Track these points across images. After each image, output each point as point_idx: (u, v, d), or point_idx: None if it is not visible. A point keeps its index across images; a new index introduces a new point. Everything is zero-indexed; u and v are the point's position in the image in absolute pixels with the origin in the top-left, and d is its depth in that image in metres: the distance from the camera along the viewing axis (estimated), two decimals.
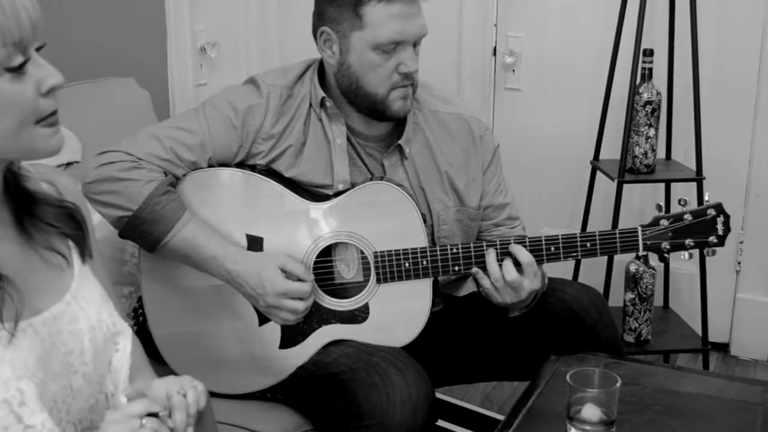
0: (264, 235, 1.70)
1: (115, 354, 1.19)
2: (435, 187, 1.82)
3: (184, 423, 1.07)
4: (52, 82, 1.04)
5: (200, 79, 2.92)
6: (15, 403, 1.01)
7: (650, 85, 2.38)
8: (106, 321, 1.18)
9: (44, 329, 1.09)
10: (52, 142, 1.07)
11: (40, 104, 1.03)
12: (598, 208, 2.78)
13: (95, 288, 1.20)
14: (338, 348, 1.70)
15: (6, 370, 1.01)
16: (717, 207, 1.68)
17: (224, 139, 1.71)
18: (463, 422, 2.46)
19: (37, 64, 1.04)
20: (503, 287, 1.67)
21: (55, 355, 1.09)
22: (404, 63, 1.69)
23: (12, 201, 1.14)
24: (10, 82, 1.01)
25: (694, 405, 1.59)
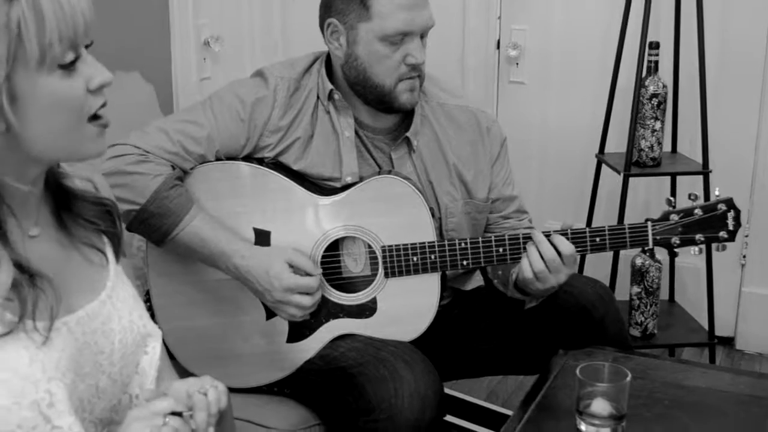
0: (271, 229, 1.69)
1: (144, 356, 1.19)
2: (443, 179, 1.81)
3: (205, 422, 1.07)
4: (101, 79, 1.04)
5: (204, 73, 2.91)
6: (44, 404, 1.00)
7: (656, 78, 2.37)
8: (137, 323, 1.18)
9: (78, 328, 1.09)
10: (100, 143, 1.07)
11: (89, 100, 1.04)
12: (603, 201, 2.77)
13: (128, 288, 1.21)
14: (346, 342, 1.69)
15: (37, 371, 1.00)
16: (727, 202, 1.67)
17: (232, 131, 1.70)
18: (469, 416, 2.45)
19: (87, 62, 1.04)
20: (557, 266, 1.63)
21: (86, 355, 1.09)
22: (411, 54, 1.68)
23: (52, 199, 1.14)
24: (62, 79, 1.01)
25: (703, 399, 1.58)
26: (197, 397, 1.08)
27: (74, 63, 1.02)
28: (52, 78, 1.00)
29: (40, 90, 0.99)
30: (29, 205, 1.09)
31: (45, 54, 0.98)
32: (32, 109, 1.00)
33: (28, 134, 1.00)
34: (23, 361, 1.00)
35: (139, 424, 1.02)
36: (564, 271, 1.64)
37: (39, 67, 0.98)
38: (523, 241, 1.66)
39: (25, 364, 1.00)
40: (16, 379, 0.99)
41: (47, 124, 1.01)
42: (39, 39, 0.97)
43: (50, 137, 1.02)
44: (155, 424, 1.02)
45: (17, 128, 0.99)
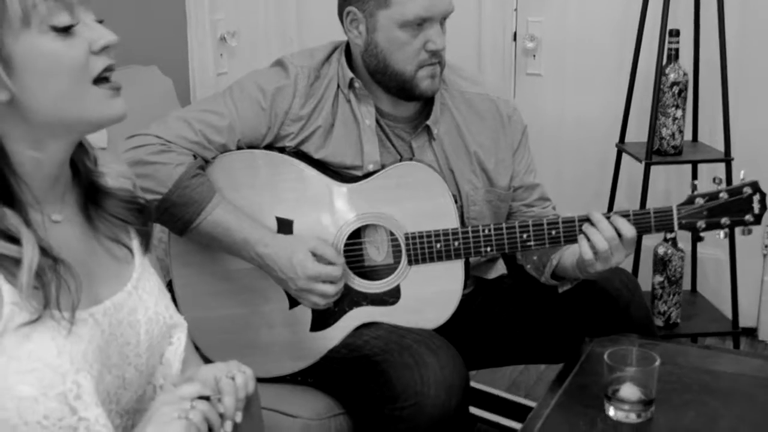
0: (294, 218, 1.68)
1: (169, 347, 1.19)
2: (464, 167, 1.80)
3: (233, 407, 1.06)
4: (105, 40, 1.03)
5: (221, 68, 2.91)
6: (71, 396, 1.00)
7: (677, 66, 2.35)
8: (163, 314, 1.18)
9: (105, 319, 1.08)
10: (112, 104, 1.05)
11: (91, 62, 1.02)
12: (623, 191, 2.76)
13: (154, 279, 1.20)
14: (370, 330, 1.69)
15: (65, 362, 1.00)
16: (753, 185, 1.64)
17: (253, 121, 1.70)
18: (491, 408, 2.44)
19: (90, 27, 1.03)
20: (617, 245, 1.60)
21: (113, 346, 1.09)
22: (432, 40, 1.67)
23: (81, 193, 1.14)
24: (56, 41, 1.00)
25: (732, 384, 1.56)
26: (225, 382, 1.08)
27: (71, 27, 1.01)
28: (44, 39, 0.99)
29: (34, 52, 0.99)
30: (54, 192, 1.08)
31: (28, 13, 0.97)
32: (29, 73, 0.99)
33: (32, 101, 1.00)
34: (51, 352, 1.00)
35: (167, 408, 1.02)
36: (623, 252, 1.62)
37: (25, 28, 0.98)
38: (547, 226, 1.65)
39: (53, 355, 0.99)
40: (45, 370, 0.99)
41: (46, 87, 1.00)
42: None
43: (52, 102, 1.01)
44: (183, 408, 1.01)
45: (17, 94, 0.98)
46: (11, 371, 0.98)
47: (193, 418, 1.00)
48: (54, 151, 1.06)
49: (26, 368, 0.98)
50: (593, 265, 1.62)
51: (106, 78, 1.04)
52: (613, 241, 1.60)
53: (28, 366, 0.98)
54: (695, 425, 1.43)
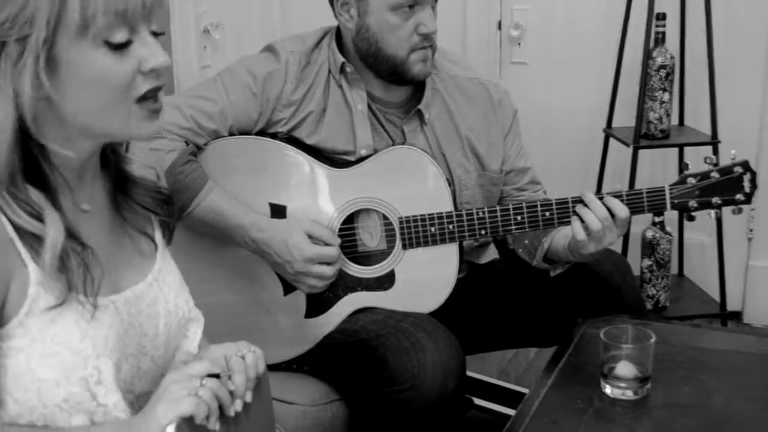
0: (287, 204, 1.68)
1: (185, 340, 1.19)
2: (456, 152, 1.80)
3: (243, 386, 1.05)
4: (155, 63, 1.01)
5: (204, 61, 2.89)
6: (92, 381, 1.01)
7: (663, 49, 2.37)
8: (182, 307, 1.19)
9: (125, 308, 1.09)
10: (148, 126, 1.04)
11: (138, 82, 1.01)
12: (609, 176, 2.77)
13: (174, 272, 1.21)
14: (365, 315, 1.69)
15: (87, 346, 1.01)
16: (743, 164, 1.66)
17: (244, 106, 1.69)
18: (482, 394, 2.44)
19: (145, 43, 1.01)
20: (610, 225, 1.60)
21: (131, 336, 1.09)
22: (423, 23, 1.67)
23: (110, 180, 1.14)
24: (107, 57, 0.98)
25: (724, 361, 1.58)
26: (235, 360, 1.07)
27: (126, 44, 0.99)
28: (96, 53, 0.98)
29: (82, 63, 0.98)
30: (84, 180, 1.09)
31: (87, 24, 0.96)
32: (73, 79, 0.98)
33: (67, 105, 1.00)
34: (75, 336, 1.00)
35: (177, 386, 1.01)
36: (615, 232, 1.63)
37: (80, 37, 0.97)
38: (541, 208, 1.66)
39: (76, 339, 1.00)
40: (67, 354, 0.99)
41: (87, 98, 1.00)
42: (82, 7, 0.95)
43: (90, 112, 1.01)
44: (193, 385, 1.00)
45: (53, 95, 0.98)
46: (34, 353, 0.99)
47: (203, 395, 1.00)
48: (84, 148, 1.06)
49: (49, 351, 0.99)
50: (586, 246, 1.63)
51: (148, 97, 1.03)
52: (606, 221, 1.61)
53: (51, 349, 0.99)
54: (691, 401, 1.45)
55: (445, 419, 1.56)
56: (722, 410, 1.41)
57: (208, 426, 1.01)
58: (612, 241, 1.64)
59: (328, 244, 1.63)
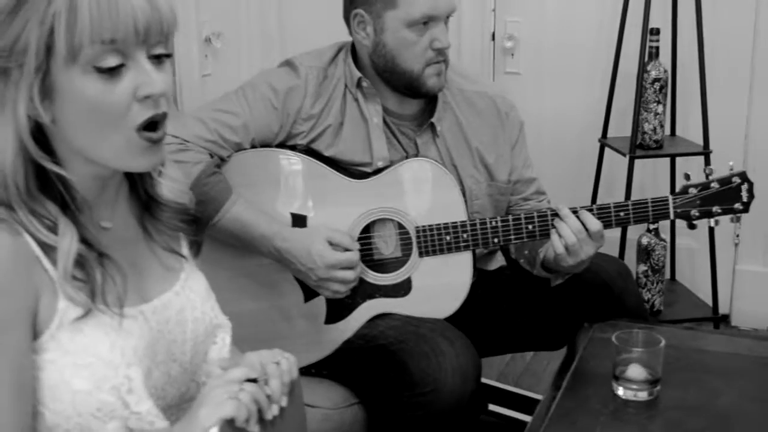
0: (308, 213, 1.74)
1: (213, 346, 1.23)
2: (466, 163, 1.87)
3: (279, 390, 1.09)
4: (150, 90, 1.00)
5: (205, 70, 2.93)
6: (123, 389, 1.04)
7: (657, 63, 2.46)
8: (209, 314, 1.22)
9: (153, 317, 1.12)
10: (146, 158, 1.04)
11: (133, 110, 1.01)
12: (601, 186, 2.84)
13: (201, 280, 1.24)
14: (384, 321, 1.75)
15: (117, 356, 1.04)
16: (741, 175, 1.74)
17: (266, 120, 1.75)
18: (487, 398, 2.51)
19: (140, 70, 1.00)
20: (584, 239, 1.68)
21: (160, 344, 1.13)
22: (437, 39, 1.74)
23: (138, 203, 1.17)
24: (98, 83, 0.99)
25: (729, 363, 1.65)
26: (271, 367, 1.11)
27: (118, 68, 0.99)
28: (87, 79, 0.98)
29: (74, 89, 0.98)
30: (105, 199, 1.11)
31: (74, 53, 0.97)
32: (68, 105, 1.00)
33: (68, 131, 1.01)
34: (104, 347, 1.03)
35: (218, 391, 1.05)
36: (592, 245, 1.71)
37: (71, 64, 0.97)
38: (551, 217, 1.73)
39: (106, 350, 1.03)
40: (99, 364, 1.02)
41: (83, 124, 1.00)
42: (68, 37, 0.96)
43: (87, 138, 1.02)
44: (233, 390, 1.04)
45: (47, 120, 1.00)
46: (67, 365, 1.02)
47: (243, 398, 1.03)
48: (98, 170, 1.07)
49: (81, 362, 1.02)
50: (565, 259, 1.71)
51: (149, 127, 1.02)
52: (581, 234, 1.68)
53: (83, 360, 1.02)
54: (699, 401, 1.51)
55: (463, 421, 1.62)
56: (729, 410, 1.49)
57: (248, 428, 1.04)
58: (590, 254, 1.72)
59: (348, 249, 1.69)
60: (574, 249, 1.69)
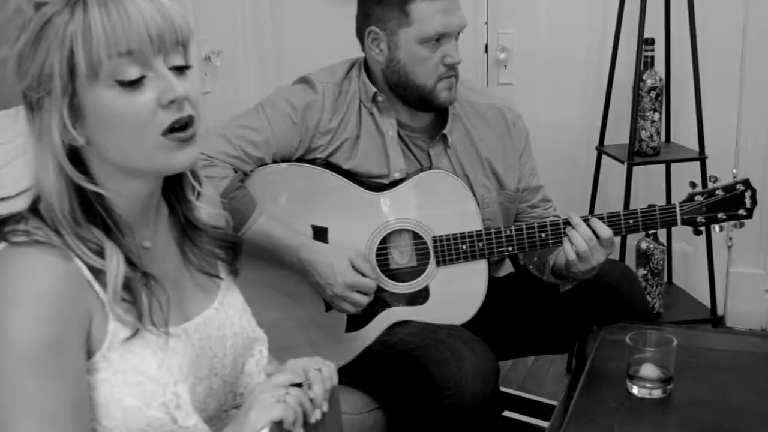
0: (329, 225, 1.79)
1: (250, 359, 1.28)
2: (477, 173, 1.93)
3: (322, 395, 1.14)
4: (173, 95, 1.03)
5: (205, 88, 2.98)
6: (172, 406, 1.08)
7: (653, 72, 2.53)
8: (247, 328, 1.27)
9: (195, 335, 1.17)
10: (178, 156, 1.07)
11: (159, 116, 1.04)
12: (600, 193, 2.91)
13: (237, 295, 1.29)
14: (402, 328, 1.80)
15: (165, 374, 1.08)
16: (745, 182, 1.82)
17: (286, 135, 1.80)
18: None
19: (161, 78, 1.03)
20: (595, 246, 1.74)
21: (202, 359, 1.17)
22: (449, 54, 1.80)
23: (177, 227, 1.21)
24: (121, 96, 1.02)
25: (737, 361, 1.72)
26: (314, 373, 1.16)
27: (139, 80, 1.02)
28: (110, 93, 1.01)
29: (100, 105, 1.02)
30: (146, 220, 1.15)
31: (95, 69, 1.00)
32: (98, 123, 1.03)
33: (104, 148, 1.05)
34: (152, 366, 1.08)
35: (266, 395, 1.09)
36: (602, 252, 1.77)
37: (93, 81, 1.00)
38: (563, 225, 1.79)
39: (154, 368, 1.08)
40: (148, 383, 1.07)
41: (114, 138, 1.04)
42: (86, 55, 0.99)
43: (123, 151, 1.05)
44: (280, 394, 1.09)
45: (82, 141, 1.04)
46: (118, 384, 1.06)
47: (290, 401, 1.08)
48: (135, 188, 1.10)
49: (131, 381, 1.06)
50: (576, 265, 1.77)
51: (176, 128, 1.05)
52: (591, 241, 1.75)
53: (133, 379, 1.07)
54: (710, 397, 1.58)
55: (483, 423, 1.68)
56: (740, 405, 1.55)
57: (293, 431, 1.09)
58: (600, 260, 1.78)
59: (366, 275, 1.75)
60: (585, 256, 1.75)
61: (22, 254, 1.03)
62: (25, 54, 1.02)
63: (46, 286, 1.01)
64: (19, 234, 1.04)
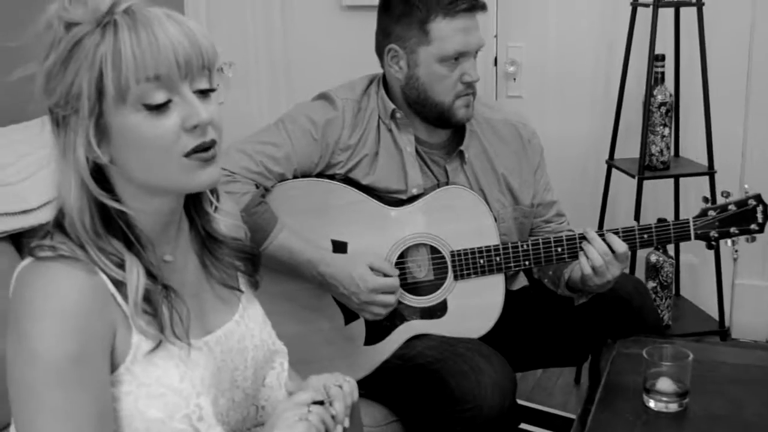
0: (348, 240, 1.82)
1: (270, 371, 1.30)
2: (493, 188, 1.96)
3: (343, 412, 1.16)
4: (196, 120, 1.05)
5: (218, 99, 3.01)
6: (194, 418, 1.10)
7: (663, 88, 2.57)
8: (267, 340, 1.29)
9: (217, 347, 1.19)
10: (198, 175, 1.09)
11: (183, 139, 1.06)
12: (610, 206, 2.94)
13: (257, 308, 1.31)
14: (420, 342, 1.83)
15: (187, 386, 1.10)
16: (756, 197, 1.84)
17: (306, 151, 1.83)
18: None
19: (186, 102, 1.06)
20: (611, 260, 1.77)
21: (224, 372, 1.19)
22: (468, 73, 1.83)
23: (197, 240, 1.23)
24: (148, 119, 1.04)
25: (751, 375, 1.74)
26: (334, 390, 1.18)
27: (165, 104, 1.04)
28: (137, 117, 1.04)
29: (126, 127, 1.04)
30: (166, 234, 1.17)
31: (123, 93, 1.02)
32: (123, 143, 1.05)
33: (128, 167, 1.08)
34: (175, 378, 1.10)
35: (289, 413, 1.12)
36: (618, 266, 1.80)
37: (121, 104, 1.03)
38: (579, 240, 1.82)
39: (177, 381, 1.10)
40: (171, 395, 1.09)
41: (138, 158, 1.06)
42: (115, 78, 1.01)
43: (147, 171, 1.08)
44: (302, 412, 1.12)
45: (105, 160, 1.06)
46: (141, 396, 1.08)
47: (312, 420, 1.11)
48: (158, 206, 1.13)
49: (155, 393, 1.09)
50: (591, 279, 1.80)
51: (197, 150, 1.07)
52: (606, 256, 1.78)
53: (156, 391, 1.09)
54: (725, 411, 1.60)
55: None
56: (754, 419, 1.57)
57: None
58: (615, 274, 1.81)
59: (388, 275, 1.77)
60: (600, 270, 1.78)
61: (48, 269, 1.05)
62: (54, 72, 1.04)
63: (71, 300, 1.04)
64: (45, 249, 1.06)
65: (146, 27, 1.02)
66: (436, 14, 1.78)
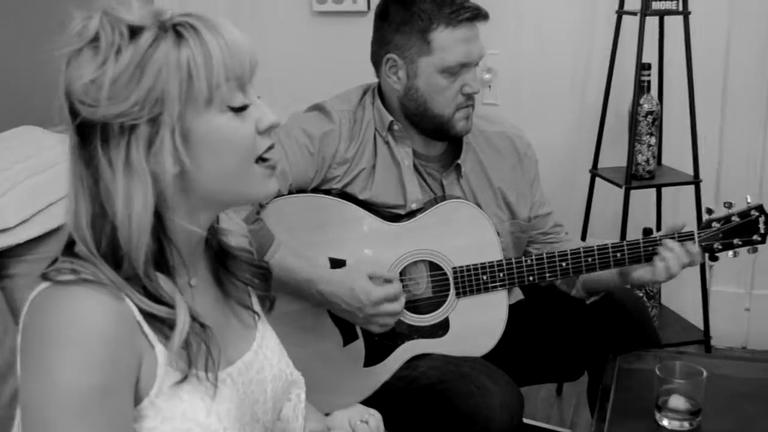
0: (346, 257, 1.75)
1: (287, 403, 1.24)
2: (490, 202, 1.91)
3: None
4: (270, 121, 1.07)
5: None
6: None
7: (649, 97, 2.55)
8: (285, 371, 1.23)
9: (239, 379, 1.13)
10: (268, 183, 1.09)
11: (258, 142, 1.06)
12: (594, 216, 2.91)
13: (273, 337, 1.25)
14: (423, 362, 1.77)
15: (214, 421, 1.04)
16: (758, 208, 1.83)
17: (302, 165, 1.76)
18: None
19: (257, 106, 1.07)
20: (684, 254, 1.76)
21: (245, 405, 1.13)
22: (468, 84, 1.78)
23: (212, 256, 1.17)
24: (232, 121, 1.03)
25: (761, 390, 1.72)
26: (360, 426, 1.15)
27: (246, 107, 1.04)
28: (222, 118, 1.03)
29: (212, 129, 1.02)
30: (194, 257, 1.12)
31: (213, 93, 1.01)
32: (204, 149, 1.02)
33: (200, 175, 1.03)
34: (202, 412, 1.04)
35: None
36: None
37: (208, 107, 1.01)
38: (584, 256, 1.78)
39: (204, 415, 1.04)
40: (197, 430, 1.03)
41: (218, 164, 1.04)
42: (207, 78, 1.00)
43: (221, 178, 1.05)
44: None
45: (189, 168, 1.01)
46: (166, 430, 1.01)
47: None
48: (201, 222, 1.09)
49: (180, 428, 1.02)
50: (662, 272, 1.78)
51: (265, 157, 1.08)
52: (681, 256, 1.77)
53: (182, 426, 1.02)
54: (740, 428, 1.58)
55: None
56: None
57: None
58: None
59: (388, 280, 1.71)
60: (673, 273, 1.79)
61: (70, 292, 0.97)
62: (127, 78, 0.98)
63: (96, 327, 0.96)
64: (65, 272, 0.98)
65: (218, 29, 1.02)
66: (438, 23, 1.72)
